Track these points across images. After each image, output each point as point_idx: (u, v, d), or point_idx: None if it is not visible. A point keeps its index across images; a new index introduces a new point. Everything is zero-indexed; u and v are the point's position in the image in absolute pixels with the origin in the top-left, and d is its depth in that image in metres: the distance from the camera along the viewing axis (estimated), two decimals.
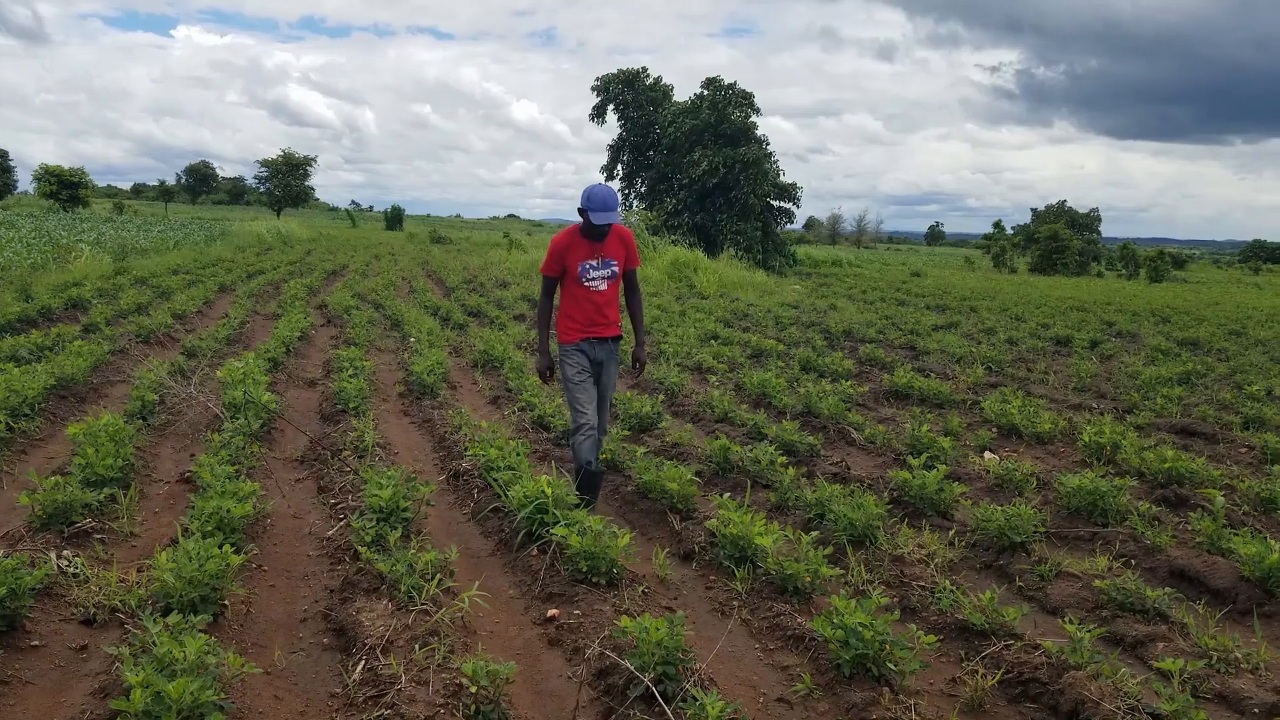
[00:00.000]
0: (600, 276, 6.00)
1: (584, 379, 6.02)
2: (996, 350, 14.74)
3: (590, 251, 5.97)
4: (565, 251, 5.98)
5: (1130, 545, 5.82)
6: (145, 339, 12.30)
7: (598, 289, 6.00)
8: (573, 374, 6.01)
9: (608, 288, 6.04)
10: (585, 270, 5.97)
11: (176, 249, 30.52)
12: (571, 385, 6.03)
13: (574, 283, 6.02)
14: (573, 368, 6.01)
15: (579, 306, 6.02)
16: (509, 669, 3.73)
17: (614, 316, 6.10)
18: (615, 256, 6.05)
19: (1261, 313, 26.09)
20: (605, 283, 6.03)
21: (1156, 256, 54.98)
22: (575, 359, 6.02)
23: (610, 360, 6.16)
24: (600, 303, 6.01)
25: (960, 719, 3.90)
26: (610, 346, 6.14)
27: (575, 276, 5.99)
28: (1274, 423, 9.84)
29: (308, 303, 17.77)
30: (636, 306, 6.39)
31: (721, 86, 41.16)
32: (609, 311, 6.07)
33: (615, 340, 6.17)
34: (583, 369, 6.02)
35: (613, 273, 6.04)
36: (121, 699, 3.23)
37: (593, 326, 6.03)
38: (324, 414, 8.85)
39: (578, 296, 6.03)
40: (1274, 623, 4.92)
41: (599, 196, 5.80)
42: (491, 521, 6.09)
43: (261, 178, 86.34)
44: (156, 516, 6.00)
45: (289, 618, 4.70)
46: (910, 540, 5.85)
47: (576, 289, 6.02)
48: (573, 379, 6.01)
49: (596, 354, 6.08)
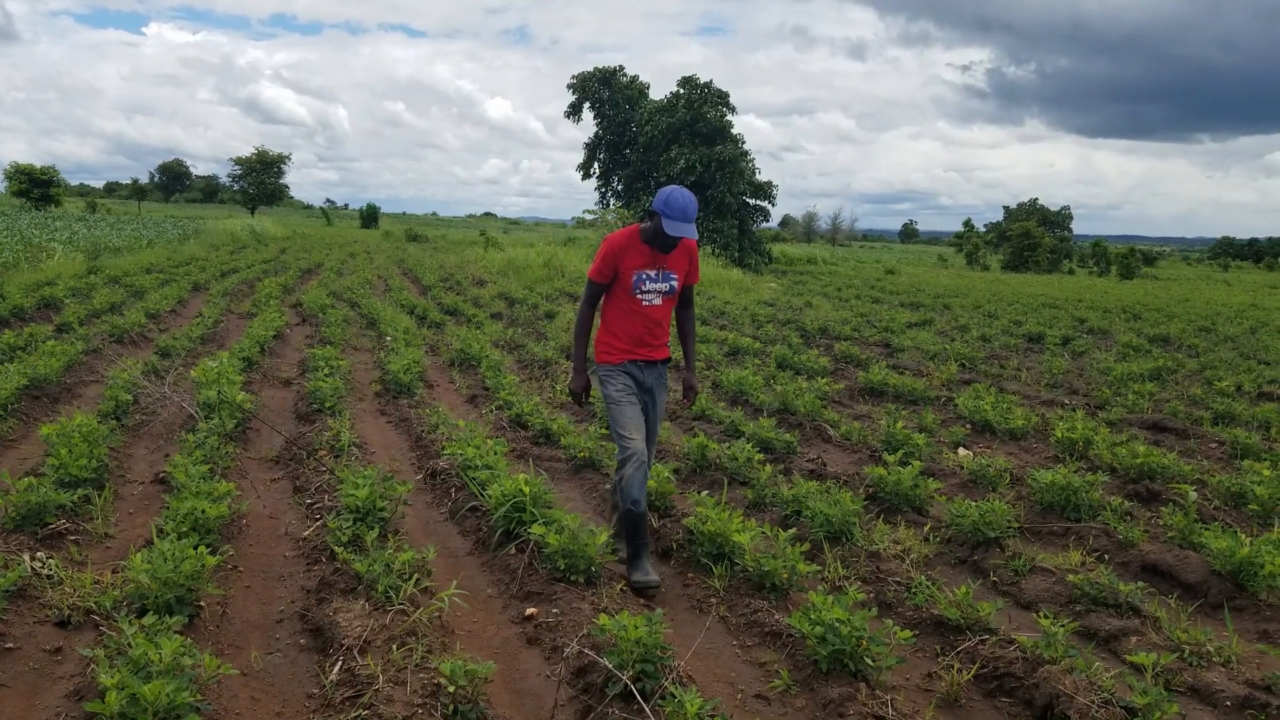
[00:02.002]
0: (657, 291, 5.13)
1: (629, 399, 5.18)
2: (970, 347, 14.84)
3: (650, 260, 5.09)
4: (621, 256, 5.09)
5: (1103, 540, 5.88)
6: (119, 338, 12.19)
7: (652, 304, 5.14)
8: (616, 393, 5.17)
9: (663, 304, 5.18)
10: (641, 281, 5.09)
11: (150, 248, 30.24)
12: (615, 406, 5.18)
13: (625, 294, 5.14)
14: (616, 387, 5.18)
15: (626, 322, 5.17)
16: (487, 668, 3.74)
17: (665, 338, 5.29)
18: (677, 270, 5.17)
19: (1231, 309, 26.38)
20: (661, 299, 5.16)
21: (1127, 254, 55.48)
22: (619, 379, 5.20)
23: (660, 387, 5.32)
24: (653, 321, 5.17)
25: (936, 714, 3.93)
26: (660, 371, 5.31)
27: (628, 287, 5.11)
28: (1243, 418, 9.96)
29: (282, 301, 17.66)
30: (690, 327, 5.52)
31: (697, 85, 41.23)
32: (661, 332, 5.25)
33: (665, 364, 5.34)
34: (628, 389, 5.19)
35: (671, 288, 5.17)
36: (97, 701, 3.21)
37: (640, 347, 5.20)
38: (299, 413, 8.80)
39: (627, 311, 5.16)
40: (1245, 616, 4.98)
41: (679, 203, 4.87)
42: (469, 520, 6.08)
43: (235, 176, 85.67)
44: (131, 517, 5.96)
45: (265, 618, 4.68)
46: (886, 536, 5.89)
47: (627, 301, 5.14)
48: (616, 399, 5.17)
49: (645, 379, 5.24)
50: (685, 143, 39.83)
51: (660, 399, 5.35)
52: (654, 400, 5.32)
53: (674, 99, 41.19)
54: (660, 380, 5.31)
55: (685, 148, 39.50)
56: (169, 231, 39.74)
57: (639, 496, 5.02)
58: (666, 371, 5.38)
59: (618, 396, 5.16)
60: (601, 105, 43.39)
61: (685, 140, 39.96)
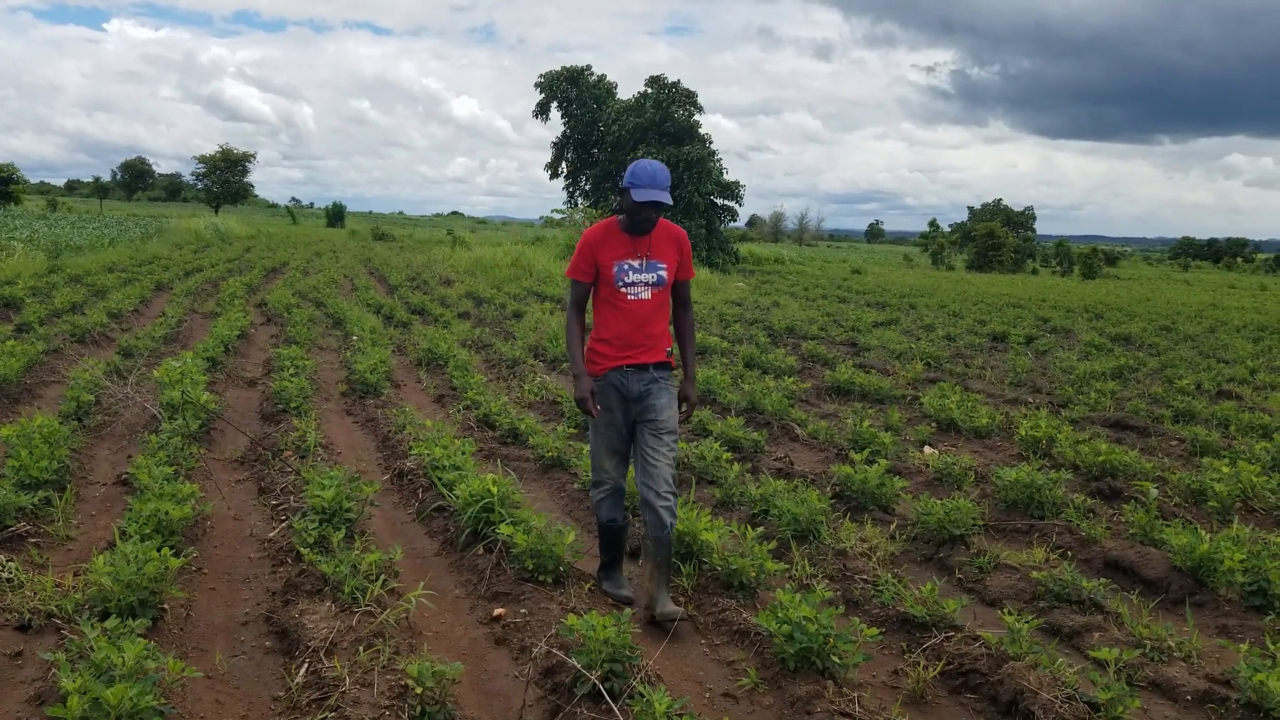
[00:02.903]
0: (643, 282, 4.67)
1: (607, 425, 4.77)
2: (935, 346, 14.96)
3: (631, 249, 4.67)
4: (598, 248, 4.68)
5: (1066, 537, 5.95)
6: (80, 338, 12.03)
7: (639, 298, 4.67)
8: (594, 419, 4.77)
9: (653, 298, 4.70)
10: (623, 273, 4.65)
11: (112, 246, 29.88)
12: (591, 431, 4.87)
13: (608, 289, 4.70)
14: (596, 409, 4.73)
15: (613, 322, 4.72)
16: (455, 669, 3.73)
17: (661, 338, 4.77)
18: (664, 259, 4.72)
19: (1191, 308, 26.75)
20: (650, 290, 4.68)
21: (1090, 254, 56.17)
22: (602, 400, 4.74)
23: (658, 390, 4.73)
24: (642, 317, 4.69)
25: (903, 710, 3.96)
26: (653, 375, 4.73)
27: (610, 280, 4.66)
28: (1203, 416, 10.10)
29: (247, 301, 17.50)
30: (688, 330, 4.97)
31: (665, 85, 41.27)
32: (653, 328, 4.73)
33: (662, 369, 4.77)
34: (607, 410, 4.75)
35: (660, 279, 4.69)
36: (58, 706, 3.18)
37: (629, 349, 4.69)
38: (265, 414, 8.73)
39: (613, 308, 4.71)
40: (1205, 611, 5.06)
41: (646, 170, 4.54)
42: (436, 521, 6.05)
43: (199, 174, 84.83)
44: (93, 519, 5.89)
45: (230, 621, 4.64)
46: (853, 534, 5.93)
47: (612, 298, 4.70)
48: (593, 424, 4.82)
49: (632, 387, 4.70)
50: (653, 142, 39.85)
51: (661, 401, 4.72)
52: (650, 403, 4.71)
53: (642, 99, 41.22)
54: (656, 383, 4.73)
55: (653, 147, 39.52)
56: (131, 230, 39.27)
57: (612, 515, 4.91)
58: (668, 376, 4.80)
59: (595, 421, 4.77)
60: (569, 104, 43.35)
61: (653, 140, 39.99)
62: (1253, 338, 19.15)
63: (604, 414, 4.74)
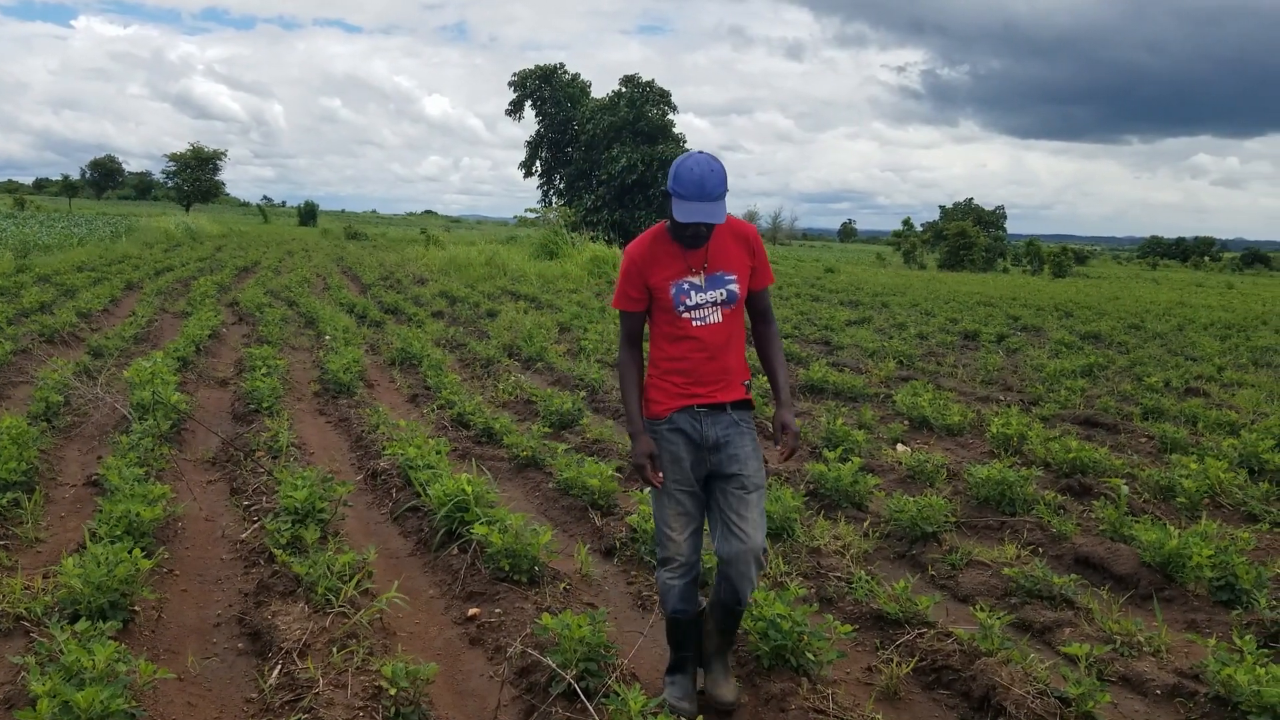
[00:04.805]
0: (709, 302, 3.68)
1: (676, 484, 3.72)
2: (907, 345, 15.04)
3: (686, 264, 3.68)
4: (646, 267, 3.70)
5: (1037, 533, 6.00)
6: (49, 338, 11.91)
7: (708, 322, 3.68)
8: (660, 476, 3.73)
9: (724, 320, 3.70)
10: (683, 294, 3.67)
11: (81, 246, 29.62)
12: (653, 495, 3.83)
13: (667, 317, 3.72)
14: (662, 463, 3.74)
15: (675, 354, 3.73)
16: (429, 670, 3.72)
17: (737, 367, 3.77)
18: (733, 267, 3.72)
19: (1159, 307, 27.04)
20: (719, 311, 3.69)
21: (1059, 253, 56.71)
22: (665, 449, 3.73)
23: (737, 434, 3.73)
24: (715, 346, 3.69)
25: (876, 707, 3.99)
26: (733, 418, 3.74)
27: (668, 306, 3.69)
28: (1172, 413, 10.22)
29: (218, 300, 17.37)
30: (773, 347, 3.95)
31: (639, 84, 41.34)
32: (728, 359, 3.73)
33: (742, 409, 3.79)
34: (674, 462, 3.72)
35: (730, 295, 3.69)
36: (28, 710, 3.15)
37: (697, 387, 3.70)
38: (236, 414, 8.67)
39: (675, 338, 3.72)
40: (1174, 606, 5.11)
41: (690, 175, 3.48)
42: (410, 521, 6.03)
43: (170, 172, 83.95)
44: (63, 521, 5.83)
45: (202, 622, 4.61)
46: (826, 532, 5.96)
47: (670, 326, 3.72)
48: (660, 484, 3.73)
49: (705, 433, 3.71)
50: (627, 141, 39.90)
51: (745, 451, 3.74)
52: (726, 453, 3.72)
53: (616, 98, 41.26)
54: (735, 427, 3.74)
55: (627, 146, 39.57)
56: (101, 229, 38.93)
57: (682, 606, 3.82)
58: (750, 418, 3.83)
59: (662, 478, 3.73)
60: (543, 103, 43.33)
61: (627, 139, 40.04)
62: (1220, 336, 19.39)
63: (671, 468, 3.72)
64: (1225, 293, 40.18)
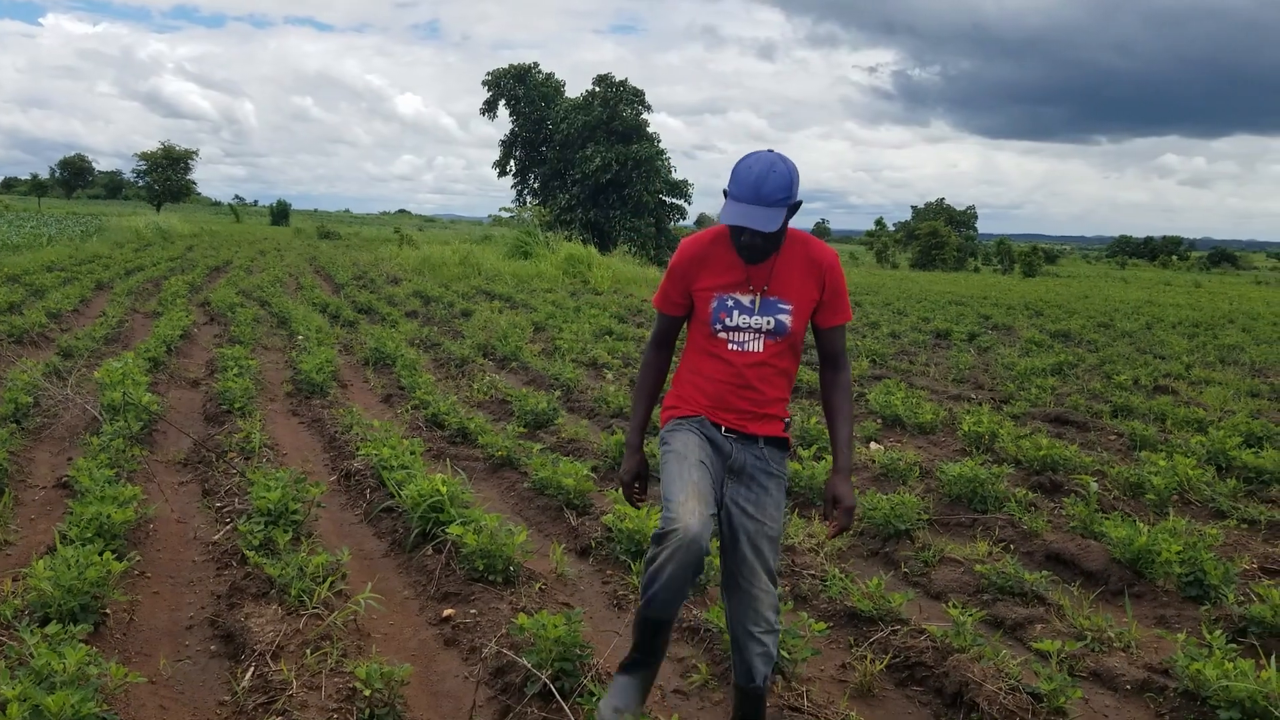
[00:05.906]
0: (752, 328, 3.20)
1: (691, 451, 3.19)
2: (880, 343, 15.13)
3: (744, 278, 3.21)
4: (695, 268, 3.26)
5: (1009, 530, 6.05)
6: (18, 339, 11.76)
7: (744, 349, 3.21)
8: (676, 443, 3.24)
9: (765, 351, 3.22)
10: (724, 310, 3.21)
11: (51, 245, 29.29)
12: (668, 457, 3.23)
13: (702, 331, 3.28)
14: (679, 438, 3.25)
15: (704, 371, 3.29)
16: (404, 671, 3.71)
17: (775, 401, 3.28)
18: (791, 296, 3.22)
19: (1128, 305, 27.32)
20: (761, 340, 3.21)
21: (1030, 252, 57.19)
22: (684, 431, 3.26)
23: (763, 474, 3.27)
24: (745, 377, 3.22)
25: (851, 704, 4.01)
26: (759, 452, 3.27)
27: (704, 319, 3.25)
28: (1141, 411, 10.32)
29: (190, 300, 17.22)
30: (839, 396, 3.39)
31: (613, 84, 41.34)
32: (765, 388, 3.24)
33: (776, 447, 3.31)
34: (694, 441, 3.23)
35: (779, 326, 3.20)
36: None
37: (725, 412, 3.25)
38: (208, 415, 8.61)
39: (706, 352, 3.29)
40: (1143, 602, 5.17)
41: (748, 175, 3.05)
42: (384, 522, 6.01)
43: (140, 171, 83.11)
44: (33, 523, 5.77)
45: (174, 625, 4.58)
46: (801, 530, 5.98)
47: (705, 340, 3.28)
48: (673, 447, 3.24)
49: (736, 456, 3.24)
50: (601, 141, 39.91)
51: (769, 497, 3.27)
52: (751, 498, 3.25)
53: (590, 97, 41.25)
54: (763, 465, 3.27)
55: (601, 146, 39.59)
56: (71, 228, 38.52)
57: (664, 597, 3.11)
58: (782, 457, 3.34)
59: (676, 446, 3.23)
60: (517, 102, 43.25)
61: (601, 138, 40.05)
62: (1188, 334, 19.62)
63: (690, 445, 3.22)
64: (1193, 291, 40.65)
